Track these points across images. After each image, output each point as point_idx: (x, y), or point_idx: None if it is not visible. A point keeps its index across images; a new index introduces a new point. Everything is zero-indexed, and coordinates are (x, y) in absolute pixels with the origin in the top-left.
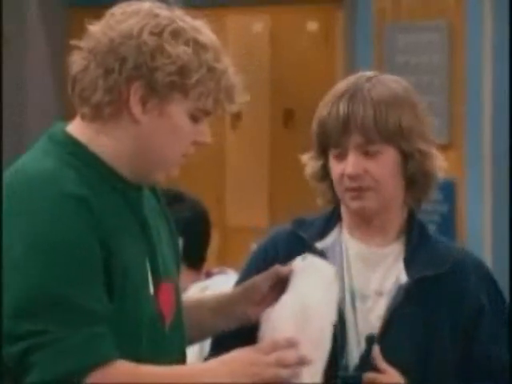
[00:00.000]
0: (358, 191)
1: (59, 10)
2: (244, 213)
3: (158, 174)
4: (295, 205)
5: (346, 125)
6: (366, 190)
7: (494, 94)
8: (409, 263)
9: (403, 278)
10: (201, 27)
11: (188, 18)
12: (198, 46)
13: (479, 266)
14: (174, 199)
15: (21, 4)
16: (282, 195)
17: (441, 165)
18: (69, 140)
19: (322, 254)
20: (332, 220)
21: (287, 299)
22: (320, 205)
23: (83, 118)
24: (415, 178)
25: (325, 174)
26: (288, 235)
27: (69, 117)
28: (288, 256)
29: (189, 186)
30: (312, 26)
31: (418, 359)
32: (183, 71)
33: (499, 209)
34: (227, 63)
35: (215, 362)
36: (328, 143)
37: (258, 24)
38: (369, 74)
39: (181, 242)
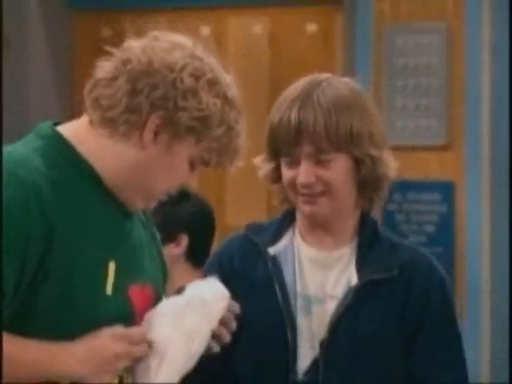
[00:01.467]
0: (311, 196)
1: (60, 11)
2: (244, 213)
3: (138, 201)
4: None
5: (297, 135)
6: (319, 196)
7: (492, 96)
8: (360, 266)
9: (354, 280)
10: (231, 83)
11: (223, 70)
12: (227, 102)
13: (428, 267)
14: (179, 197)
15: (21, 4)
16: None
17: (392, 165)
18: (54, 135)
19: (274, 259)
20: (285, 223)
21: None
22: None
23: (91, 122)
24: (366, 182)
25: (277, 176)
26: (242, 240)
27: (69, 117)
28: (243, 262)
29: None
30: (311, 27)
31: (365, 361)
32: (206, 121)
33: (498, 210)
34: (243, 126)
35: (76, 347)
36: (279, 150)
37: (257, 25)
38: (320, 77)
39: (186, 238)
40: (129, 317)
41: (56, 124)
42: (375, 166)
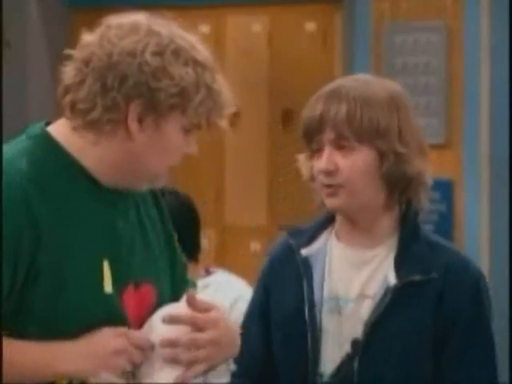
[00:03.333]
0: (331, 188)
1: (60, 11)
2: (243, 212)
3: (142, 183)
4: (294, 204)
5: (320, 122)
6: (338, 188)
7: (491, 94)
8: (398, 265)
9: (391, 279)
10: (197, 44)
11: (185, 34)
12: (197, 65)
13: (463, 269)
14: None
15: (20, 4)
16: (281, 194)
17: (424, 169)
18: (43, 134)
19: (305, 260)
20: (322, 225)
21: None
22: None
23: (75, 129)
24: (393, 180)
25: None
26: (281, 245)
27: None
28: (281, 265)
29: (188, 184)
30: (310, 26)
31: (398, 361)
32: (185, 93)
33: (497, 208)
34: (221, 80)
35: (77, 347)
36: (308, 140)
37: (256, 24)
38: (359, 76)
39: None
40: (120, 317)
41: (48, 124)
42: (400, 164)
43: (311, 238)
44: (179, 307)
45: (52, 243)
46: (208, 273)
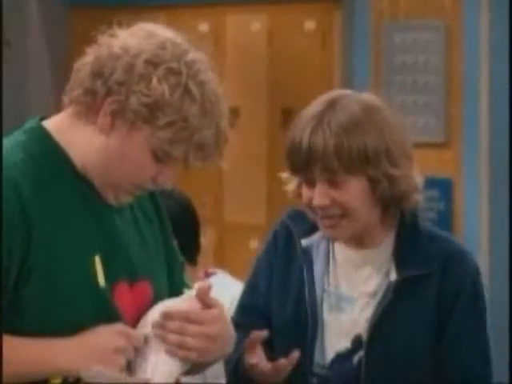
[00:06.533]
0: (330, 219)
1: (60, 11)
2: (242, 210)
3: (107, 192)
4: (293, 202)
5: (307, 160)
6: (338, 219)
7: (490, 93)
8: (399, 262)
9: (393, 276)
10: (208, 82)
11: (202, 67)
12: (187, 94)
13: (461, 261)
14: None
15: (21, 5)
16: (280, 193)
17: (414, 183)
18: (37, 127)
19: (305, 251)
20: None
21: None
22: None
23: (62, 106)
24: (386, 201)
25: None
26: (285, 228)
27: None
28: (284, 249)
29: (186, 184)
30: (310, 25)
31: (406, 357)
32: (154, 108)
33: (496, 207)
34: (210, 122)
35: (76, 343)
36: (295, 172)
37: (256, 23)
38: (337, 96)
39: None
40: (112, 312)
41: (43, 118)
42: (393, 185)
43: (312, 226)
44: (176, 302)
45: (44, 240)
46: (207, 275)
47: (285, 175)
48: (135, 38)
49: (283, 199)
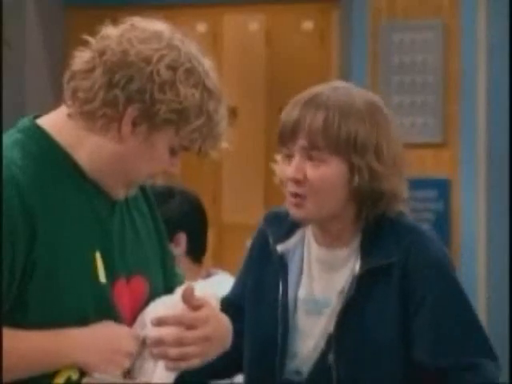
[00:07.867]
0: (297, 198)
1: (58, 11)
2: (240, 210)
3: (118, 188)
4: None
5: (294, 128)
6: (304, 198)
7: (488, 93)
8: (362, 255)
9: (356, 270)
10: (210, 71)
11: (201, 57)
12: (206, 91)
13: (427, 251)
14: (164, 196)
15: (18, 3)
16: (278, 193)
17: (398, 187)
18: (33, 127)
19: (281, 257)
20: None
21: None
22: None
23: (69, 116)
24: (363, 195)
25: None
26: (262, 234)
27: None
28: (261, 255)
29: (185, 183)
30: (307, 24)
31: (375, 350)
32: (185, 113)
33: (494, 207)
34: (223, 112)
35: (83, 336)
36: (282, 147)
37: (253, 23)
38: (340, 83)
39: (184, 237)
40: (113, 308)
41: (36, 117)
42: (373, 180)
43: (288, 231)
44: (173, 300)
45: (46, 236)
46: (208, 274)
47: (278, 158)
48: (143, 41)
49: (281, 199)
